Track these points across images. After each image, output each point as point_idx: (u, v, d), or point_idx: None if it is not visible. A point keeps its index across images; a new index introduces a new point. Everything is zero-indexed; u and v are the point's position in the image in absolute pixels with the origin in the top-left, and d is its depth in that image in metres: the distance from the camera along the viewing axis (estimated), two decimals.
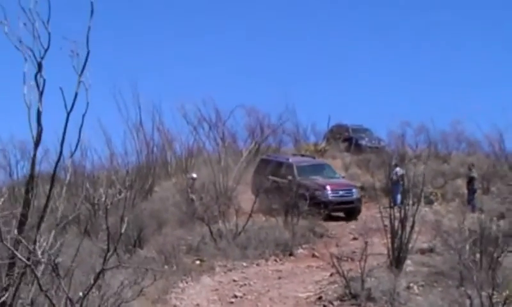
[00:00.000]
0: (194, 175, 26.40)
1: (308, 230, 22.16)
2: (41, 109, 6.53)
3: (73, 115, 6.54)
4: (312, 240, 21.88)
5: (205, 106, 35.77)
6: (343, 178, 27.95)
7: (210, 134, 35.66)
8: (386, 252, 17.33)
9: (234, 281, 18.21)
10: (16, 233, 6.63)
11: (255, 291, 17.27)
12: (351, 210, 25.49)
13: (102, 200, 7.07)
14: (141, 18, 65.51)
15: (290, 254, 20.70)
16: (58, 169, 7.00)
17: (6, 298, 6.76)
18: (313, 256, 20.60)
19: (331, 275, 17.33)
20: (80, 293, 7.13)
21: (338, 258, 17.10)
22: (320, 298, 16.23)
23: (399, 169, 26.54)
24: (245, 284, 17.84)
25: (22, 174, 27.14)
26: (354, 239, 21.70)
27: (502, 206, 24.39)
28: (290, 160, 27.75)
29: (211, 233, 20.97)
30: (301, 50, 64.99)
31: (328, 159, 32.82)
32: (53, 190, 6.94)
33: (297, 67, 60.98)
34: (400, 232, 17.10)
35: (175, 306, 16.24)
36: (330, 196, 25.23)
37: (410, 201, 18.27)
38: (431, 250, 18.84)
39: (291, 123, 39.41)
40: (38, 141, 6.65)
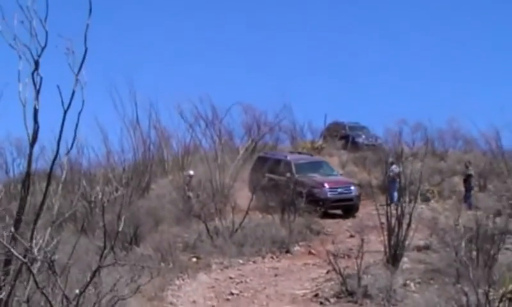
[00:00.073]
0: (191, 172, 26.40)
1: (304, 227, 22.19)
2: (38, 107, 6.52)
3: (69, 112, 6.53)
4: (309, 238, 21.91)
5: (202, 103, 35.76)
6: (341, 175, 27.95)
7: (207, 132, 35.57)
8: (382, 249, 17.37)
9: (231, 278, 18.23)
10: (13, 230, 6.63)
11: (251, 288, 17.28)
12: (349, 208, 25.49)
13: (99, 197, 7.07)
14: (137, 15, 65.41)
15: (287, 252, 20.72)
16: (54, 166, 7.00)
17: (1, 295, 6.75)
18: (310, 253, 20.63)
19: (328, 272, 17.33)
20: (77, 291, 7.13)
21: (334, 255, 17.15)
22: (316, 295, 16.25)
23: (395, 166, 26.50)
24: (241, 282, 17.86)
25: (18, 172, 27.19)
26: (351, 236, 21.71)
27: (498, 204, 24.41)
28: (288, 158, 27.73)
29: (208, 230, 20.97)
30: (297, 48, 65.10)
31: (325, 157, 32.80)
32: (49, 188, 6.93)
33: (294, 64, 60.96)
34: (396, 229, 17.14)
35: (171, 303, 16.22)
36: (328, 193, 25.24)
37: (407, 199, 18.29)
38: (428, 247, 18.88)
39: (288, 121, 39.44)
40: (34, 139, 6.65)
